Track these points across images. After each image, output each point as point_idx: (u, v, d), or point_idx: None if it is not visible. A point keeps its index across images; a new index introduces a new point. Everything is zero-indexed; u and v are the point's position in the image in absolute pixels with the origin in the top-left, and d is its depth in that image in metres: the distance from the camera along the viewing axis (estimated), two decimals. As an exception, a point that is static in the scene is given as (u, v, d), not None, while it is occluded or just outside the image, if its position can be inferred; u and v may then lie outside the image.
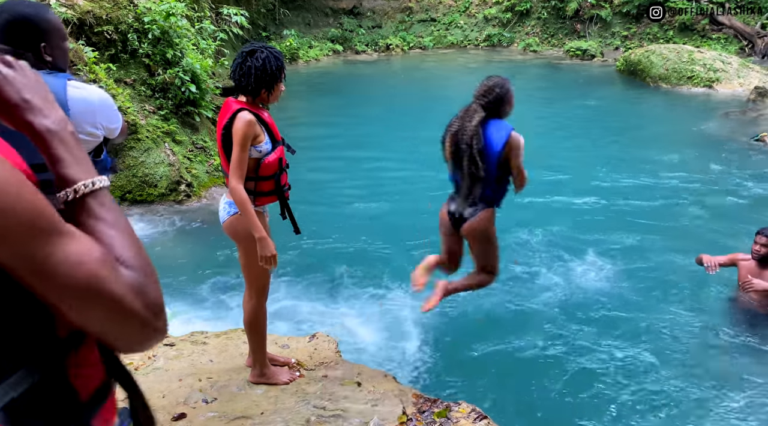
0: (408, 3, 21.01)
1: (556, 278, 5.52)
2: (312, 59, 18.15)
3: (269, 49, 2.81)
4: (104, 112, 2.21)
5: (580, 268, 5.69)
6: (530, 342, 4.54)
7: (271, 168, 2.86)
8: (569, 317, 4.86)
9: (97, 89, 2.23)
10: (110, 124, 2.24)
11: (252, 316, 3.06)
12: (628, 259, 5.81)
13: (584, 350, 4.43)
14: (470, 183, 3.32)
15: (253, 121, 2.73)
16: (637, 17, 18.33)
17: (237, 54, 2.85)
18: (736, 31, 16.66)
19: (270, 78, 2.79)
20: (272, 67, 2.78)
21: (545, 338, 4.58)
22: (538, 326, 4.75)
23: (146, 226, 6.62)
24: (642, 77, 14.08)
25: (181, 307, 4.97)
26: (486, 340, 4.55)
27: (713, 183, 7.86)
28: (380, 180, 8.38)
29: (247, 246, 2.93)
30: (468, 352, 4.41)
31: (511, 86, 3.35)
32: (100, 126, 2.19)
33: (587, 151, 9.43)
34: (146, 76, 7.81)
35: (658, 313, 4.93)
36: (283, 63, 2.86)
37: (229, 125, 2.75)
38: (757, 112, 11.25)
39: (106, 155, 2.31)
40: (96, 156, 2.23)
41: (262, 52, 2.78)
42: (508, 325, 4.78)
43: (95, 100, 2.18)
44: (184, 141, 7.86)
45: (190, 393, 3.09)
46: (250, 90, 2.78)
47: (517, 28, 19.81)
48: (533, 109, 12.64)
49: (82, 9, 7.34)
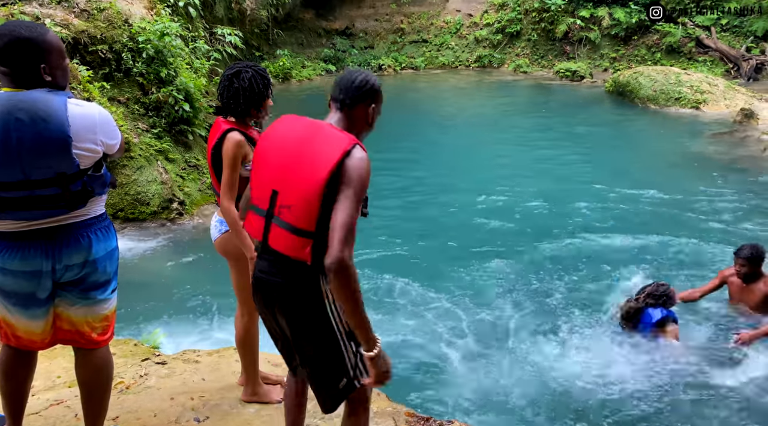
0: (400, 24, 21.28)
1: (547, 296, 5.54)
2: (305, 79, 18.30)
3: (253, 67, 2.84)
4: (104, 128, 2.24)
5: (570, 288, 5.72)
6: (522, 360, 4.55)
7: None
8: (562, 336, 4.88)
9: (97, 106, 2.26)
10: (110, 140, 2.28)
11: (244, 334, 3.05)
12: (609, 276, 5.85)
13: (578, 367, 4.44)
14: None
15: (242, 141, 2.75)
16: (625, 39, 18.64)
17: (222, 76, 2.86)
18: (721, 54, 16.97)
19: (258, 97, 2.82)
20: (259, 85, 2.81)
21: (537, 356, 4.59)
22: (529, 343, 4.76)
23: (138, 244, 6.61)
24: (631, 98, 14.29)
25: (173, 325, 4.95)
26: (478, 358, 4.56)
27: (700, 203, 7.95)
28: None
29: (238, 264, 2.94)
30: (461, 370, 4.42)
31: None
32: (100, 142, 2.22)
33: (577, 169, 9.52)
34: (140, 95, 7.86)
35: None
36: (269, 79, 2.90)
37: (218, 145, 2.77)
38: (744, 133, 11.43)
39: (106, 170, 2.34)
40: (96, 171, 2.26)
41: (247, 72, 2.80)
42: (501, 342, 4.78)
43: (96, 117, 2.21)
44: (177, 159, 7.88)
45: (182, 412, 3.07)
46: (239, 111, 2.81)
47: (507, 50, 20.09)
48: (523, 128, 12.78)
49: (76, 28, 7.40)
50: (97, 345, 2.40)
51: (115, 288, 2.44)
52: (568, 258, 6.34)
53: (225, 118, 2.89)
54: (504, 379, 4.34)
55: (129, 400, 3.17)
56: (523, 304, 5.41)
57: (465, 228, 7.28)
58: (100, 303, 2.36)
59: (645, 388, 4.18)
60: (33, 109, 2.07)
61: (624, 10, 18.44)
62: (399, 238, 6.91)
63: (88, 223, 2.28)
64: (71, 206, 2.19)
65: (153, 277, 5.94)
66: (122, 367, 3.55)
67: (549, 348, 4.71)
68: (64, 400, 3.09)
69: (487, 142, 11.78)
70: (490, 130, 12.79)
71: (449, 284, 5.77)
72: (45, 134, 2.07)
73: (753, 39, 16.88)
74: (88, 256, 2.26)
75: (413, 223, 7.56)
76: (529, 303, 5.41)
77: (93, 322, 2.36)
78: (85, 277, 2.28)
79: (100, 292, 2.34)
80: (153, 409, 3.09)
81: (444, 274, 5.99)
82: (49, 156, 2.09)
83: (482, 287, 5.74)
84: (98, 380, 2.47)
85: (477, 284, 5.80)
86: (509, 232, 7.01)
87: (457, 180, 9.34)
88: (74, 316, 2.32)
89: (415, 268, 6.11)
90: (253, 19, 17.07)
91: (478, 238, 6.90)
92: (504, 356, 4.61)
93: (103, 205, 2.37)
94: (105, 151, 2.26)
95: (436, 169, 9.88)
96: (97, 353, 2.42)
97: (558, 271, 6.02)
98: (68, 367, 3.24)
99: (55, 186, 2.13)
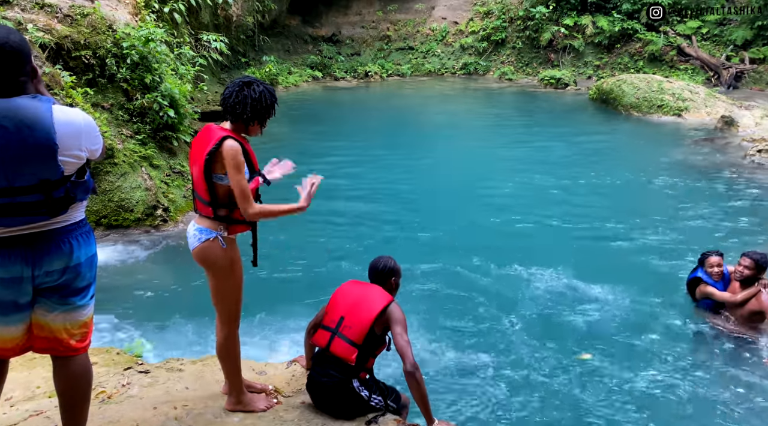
0: (386, 32, 21.38)
1: (533, 300, 5.56)
2: (291, 85, 18.28)
3: (265, 85, 2.87)
4: (89, 134, 2.23)
5: (556, 292, 5.74)
6: (511, 365, 4.55)
7: None
8: (551, 339, 4.90)
9: (81, 112, 2.25)
10: (93, 145, 2.26)
11: (224, 343, 3.02)
12: (597, 283, 5.88)
13: (564, 370, 4.46)
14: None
15: (240, 149, 2.75)
16: (608, 47, 18.89)
17: (231, 83, 2.86)
18: (702, 62, 17.26)
19: (264, 111, 2.84)
20: (267, 101, 2.84)
21: (527, 360, 4.60)
22: (519, 349, 4.77)
23: (121, 252, 6.53)
24: (614, 106, 14.46)
25: (156, 333, 4.89)
26: (466, 364, 4.56)
27: (683, 208, 8.04)
28: (357, 208, 8.41)
29: (217, 273, 2.91)
30: (449, 377, 4.41)
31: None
32: (84, 148, 2.21)
33: (561, 175, 9.60)
34: (124, 101, 7.80)
35: (641, 334, 4.99)
36: (277, 100, 2.92)
37: (214, 151, 2.74)
38: (724, 140, 11.61)
39: (89, 176, 2.31)
40: (79, 177, 2.24)
41: (259, 86, 2.83)
42: (489, 349, 4.79)
43: (81, 123, 2.20)
44: (161, 165, 7.82)
45: (164, 421, 3.03)
46: (245, 118, 2.80)
47: (492, 57, 20.26)
48: (507, 135, 12.87)
49: (59, 34, 7.33)
50: (76, 352, 2.37)
51: (93, 294, 2.41)
52: (555, 260, 6.37)
53: (218, 124, 2.88)
54: (495, 388, 4.34)
55: (111, 409, 3.12)
56: (512, 313, 5.42)
57: (446, 234, 7.30)
58: (80, 309, 2.33)
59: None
60: (18, 117, 2.05)
61: (607, 18, 18.70)
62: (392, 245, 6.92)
63: (69, 229, 2.25)
64: (53, 213, 2.16)
65: (136, 284, 5.87)
66: (104, 377, 3.50)
67: (548, 356, 4.73)
68: (43, 410, 3.04)
69: (472, 150, 11.83)
70: (474, 137, 12.86)
71: (436, 285, 5.78)
72: (30, 141, 2.05)
73: (733, 48, 17.19)
74: (69, 262, 2.24)
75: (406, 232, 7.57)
76: (520, 311, 5.43)
77: (72, 329, 2.33)
78: (65, 283, 2.25)
79: (80, 297, 2.32)
80: (135, 418, 3.04)
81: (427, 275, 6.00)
82: (34, 163, 2.07)
83: (465, 293, 5.75)
84: (78, 389, 2.43)
85: (459, 288, 5.81)
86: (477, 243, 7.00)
87: (440, 186, 9.38)
88: (53, 323, 2.28)
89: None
90: (239, 26, 17.05)
91: (460, 247, 6.92)
92: (497, 365, 4.61)
93: (83, 211, 2.35)
94: (88, 156, 2.25)
95: (424, 181, 9.90)
96: (76, 361, 2.39)
97: (547, 273, 6.04)
98: (47, 377, 3.18)
99: (37, 193, 2.11)
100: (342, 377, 3.07)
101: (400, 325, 3.07)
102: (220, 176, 2.76)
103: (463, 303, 5.55)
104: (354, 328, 3.08)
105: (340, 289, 3.32)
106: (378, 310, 3.08)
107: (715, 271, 5.08)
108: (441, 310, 5.41)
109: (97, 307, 2.47)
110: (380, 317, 3.08)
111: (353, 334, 3.07)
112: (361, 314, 3.10)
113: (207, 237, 2.84)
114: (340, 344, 3.08)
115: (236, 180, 2.72)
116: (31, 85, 2.17)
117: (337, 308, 3.20)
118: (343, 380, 3.08)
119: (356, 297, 3.20)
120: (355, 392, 3.08)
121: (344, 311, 3.16)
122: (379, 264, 3.39)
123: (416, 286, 5.82)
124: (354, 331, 3.07)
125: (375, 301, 3.15)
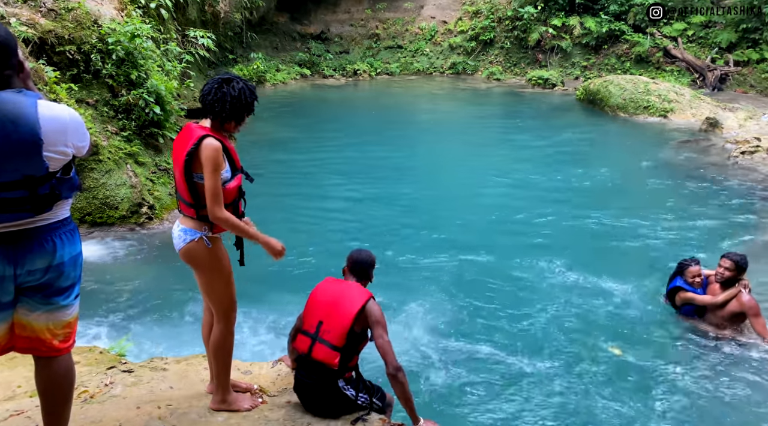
0: (375, 30, 21.34)
1: (516, 300, 5.58)
2: (279, 82, 18.19)
3: (244, 81, 2.83)
4: (75, 130, 2.19)
5: (540, 291, 5.77)
6: (494, 365, 4.57)
7: (231, 195, 2.85)
8: (532, 339, 4.93)
9: (67, 108, 2.21)
10: (80, 142, 2.23)
11: (219, 341, 3.00)
12: (574, 282, 5.93)
13: (546, 383, 4.48)
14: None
15: (220, 147, 2.72)
16: (595, 48, 19.01)
17: (210, 80, 2.82)
18: (688, 64, 17.43)
19: (242, 109, 2.80)
20: (247, 98, 2.79)
21: (510, 358, 4.62)
22: (501, 357, 4.79)
23: (105, 250, 6.47)
24: (601, 106, 14.56)
25: (140, 332, 4.85)
26: (451, 364, 4.57)
27: (667, 208, 8.11)
28: (343, 203, 8.40)
29: (205, 272, 2.90)
30: (433, 377, 4.42)
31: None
32: (71, 144, 2.17)
33: (548, 176, 9.65)
34: (109, 97, 7.71)
35: (617, 333, 5.04)
36: (257, 97, 2.88)
37: (193, 151, 2.71)
38: (709, 141, 11.74)
39: (75, 173, 2.28)
40: (65, 174, 2.20)
41: (238, 83, 2.79)
42: (473, 350, 4.80)
43: (67, 119, 2.16)
44: (147, 162, 7.75)
45: (148, 421, 3.00)
46: (223, 116, 2.77)
47: (481, 57, 20.30)
48: (495, 135, 12.92)
49: (43, 28, 7.23)
50: (59, 352, 2.33)
51: (78, 294, 2.37)
52: (540, 259, 6.40)
53: (197, 122, 2.84)
54: (479, 387, 4.36)
55: (93, 409, 3.09)
56: (499, 311, 5.44)
57: (433, 234, 7.31)
58: (63, 309, 2.29)
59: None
60: (1, 112, 2.01)
61: (595, 19, 18.82)
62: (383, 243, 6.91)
63: (53, 227, 2.22)
64: (37, 210, 2.13)
65: (121, 283, 5.81)
66: (87, 376, 3.46)
67: (530, 356, 4.75)
68: (24, 410, 2.99)
69: (459, 149, 11.86)
70: (463, 137, 12.89)
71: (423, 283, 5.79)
72: (14, 137, 2.02)
73: (717, 50, 17.37)
74: (52, 261, 2.21)
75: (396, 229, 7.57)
76: (507, 310, 5.45)
77: (55, 329, 2.29)
78: (48, 283, 2.22)
79: (63, 297, 2.28)
80: (118, 418, 3.01)
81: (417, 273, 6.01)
82: (18, 159, 2.04)
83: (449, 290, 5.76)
84: (60, 389, 2.39)
85: (445, 284, 5.82)
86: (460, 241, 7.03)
87: (426, 185, 9.40)
88: (35, 323, 2.25)
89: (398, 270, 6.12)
90: (226, 22, 16.93)
91: (447, 245, 6.94)
92: (481, 364, 4.63)
93: (68, 209, 2.31)
94: (74, 153, 2.21)
95: (414, 178, 9.91)
96: (58, 361, 2.35)
97: (531, 272, 6.07)
98: (29, 376, 3.14)
99: (21, 189, 2.07)
100: (327, 379, 3.06)
101: (380, 326, 3.02)
102: (201, 176, 2.73)
103: (454, 294, 5.57)
104: (333, 332, 3.03)
105: (316, 291, 3.24)
106: (356, 311, 3.02)
107: (697, 281, 5.13)
108: (433, 303, 5.43)
109: (81, 305, 2.44)
110: (359, 317, 3.04)
111: (333, 338, 3.03)
112: (340, 316, 3.05)
113: (192, 238, 2.82)
114: (321, 349, 3.04)
115: (210, 180, 2.69)
116: (17, 79, 2.14)
117: (315, 311, 3.14)
118: (329, 382, 3.06)
119: (332, 298, 3.12)
120: (341, 392, 3.07)
121: (322, 315, 3.09)
122: (362, 256, 3.29)
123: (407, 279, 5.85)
124: (334, 335, 3.03)
125: (352, 300, 3.08)
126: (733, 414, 4.10)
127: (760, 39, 16.78)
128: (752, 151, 10.40)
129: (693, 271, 5.13)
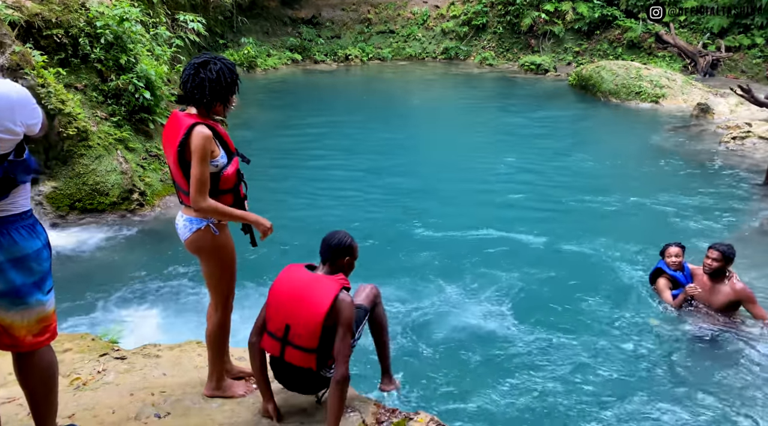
0: (367, 14, 21.15)
1: (506, 290, 5.57)
2: (270, 68, 18.02)
3: (222, 60, 2.75)
4: (24, 107, 2.06)
5: (528, 282, 5.75)
6: (486, 353, 4.59)
7: (230, 181, 2.82)
8: (525, 328, 4.95)
9: (12, 84, 2.09)
10: (30, 120, 2.09)
11: (217, 328, 3.00)
12: (567, 270, 5.92)
13: (539, 362, 4.51)
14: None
15: (210, 135, 2.68)
16: (588, 34, 18.95)
17: (187, 65, 2.75)
18: (680, 50, 17.40)
19: (225, 91, 2.74)
20: (227, 79, 2.73)
21: (501, 348, 4.65)
22: (493, 337, 4.81)
23: (96, 236, 6.42)
24: (593, 92, 14.54)
25: (132, 319, 4.83)
26: (445, 351, 4.59)
27: (658, 194, 8.13)
28: (337, 188, 8.38)
29: (211, 260, 2.89)
30: (428, 363, 4.43)
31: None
32: (20, 123, 2.04)
33: (539, 162, 9.66)
34: (98, 82, 7.61)
35: (605, 323, 5.06)
36: (237, 75, 2.82)
37: (185, 141, 2.67)
38: (700, 127, 11.77)
39: (29, 155, 2.15)
40: (18, 156, 2.08)
41: (215, 64, 2.71)
42: (466, 336, 4.82)
43: (13, 96, 2.03)
44: (137, 148, 7.67)
45: (141, 408, 3.00)
46: (204, 103, 2.72)
47: (473, 42, 20.19)
48: (487, 120, 12.89)
49: (30, 11, 7.10)
50: (39, 345, 2.26)
51: (50, 288, 2.26)
52: (525, 247, 6.42)
53: (183, 110, 2.80)
54: (472, 374, 4.38)
55: (86, 396, 3.08)
56: (488, 300, 5.46)
57: (416, 228, 7.31)
58: (34, 306, 2.19)
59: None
60: None
61: (587, 4, 18.73)
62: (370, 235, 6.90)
63: (11, 220, 2.10)
64: None
65: (112, 269, 5.78)
66: (79, 363, 3.44)
67: (520, 345, 4.78)
68: (15, 397, 2.98)
69: (451, 133, 11.83)
70: (453, 123, 12.86)
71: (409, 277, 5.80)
72: None
73: (709, 36, 17.36)
74: (9, 256, 2.09)
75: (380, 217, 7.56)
76: (496, 300, 5.47)
77: (29, 326, 2.21)
78: (11, 280, 2.11)
79: (30, 296, 2.18)
80: (111, 405, 3.01)
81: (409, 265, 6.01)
82: None
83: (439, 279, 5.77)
84: (42, 383, 2.33)
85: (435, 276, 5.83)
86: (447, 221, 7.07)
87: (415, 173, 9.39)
88: (11, 321, 2.17)
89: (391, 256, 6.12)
90: (216, 6, 16.72)
91: (429, 236, 6.93)
92: (473, 351, 4.65)
93: (28, 201, 2.19)
94: (25, 132, 2.08)
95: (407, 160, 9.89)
96: (38, 355, 2.28)
97: (517, 264, 6.09)
98: (21, 364, 3.12)
99: None
100: (307, 377, 2.93)
101: (345, 328, 2.75)
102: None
103: (451, 272, 5.62)
104: (304, 336, 2.78)
105: (278, 284, 2.91)
106: (325, 310, 2.74)
107: (673, 261, 5.15)
108: (426, 276, 5.45)
109: (72, 292, 2.42)
110: (330, 315, 2.76)
111: (305, 342, 2.79)
112: (307, 318, 2.77)
113: (198, 226, 2.80)
114: (294, 354, 2.82)
115: (197, 169, 2.64)
116: None
117: (279, 310, 2.85)
118: (310, 377, 2.93)
119: (297, 295, 2.81)
120: (325, 378, 2.94)
121: (288, 317, 2.81)
122: (333, 239, 2.91)
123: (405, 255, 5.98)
124: (305, 339, 2.78)
125: (320, 297, 2.77)
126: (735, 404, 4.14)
127: (752, 24, 16.78)
128: (743, 136, 10.44)
129: (671, 251, 5.16)
